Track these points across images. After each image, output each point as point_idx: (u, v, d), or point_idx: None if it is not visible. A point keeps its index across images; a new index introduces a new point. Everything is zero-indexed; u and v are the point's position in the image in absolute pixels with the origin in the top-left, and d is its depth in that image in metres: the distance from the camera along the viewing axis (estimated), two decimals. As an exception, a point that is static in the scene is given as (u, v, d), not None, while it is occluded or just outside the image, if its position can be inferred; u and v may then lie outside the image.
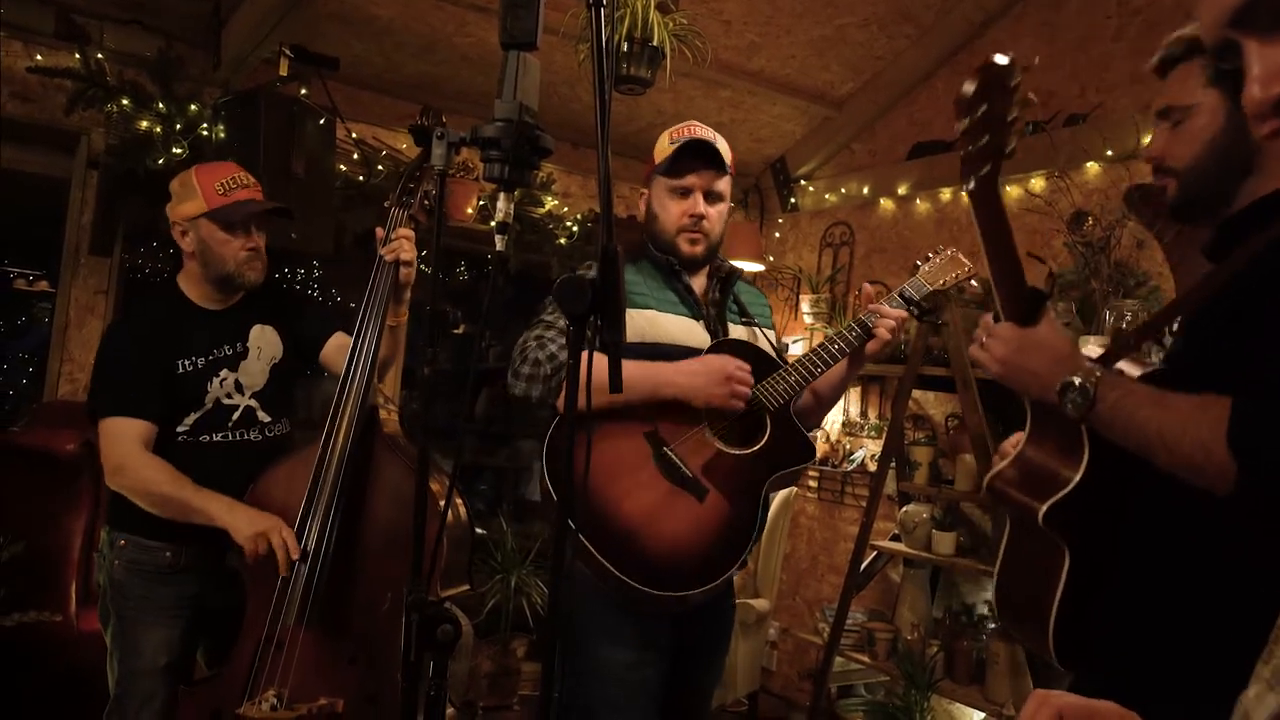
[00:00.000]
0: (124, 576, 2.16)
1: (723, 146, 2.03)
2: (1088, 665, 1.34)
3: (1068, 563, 1.27)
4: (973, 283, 2.11)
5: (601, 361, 1.07)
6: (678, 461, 1.85)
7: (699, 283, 2.09)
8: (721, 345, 1.98)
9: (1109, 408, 1.20)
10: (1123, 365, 1.33)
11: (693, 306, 2.03)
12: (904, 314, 2.02)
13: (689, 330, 1.99)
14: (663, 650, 1.90)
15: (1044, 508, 1.27)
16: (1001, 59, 1.21)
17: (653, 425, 1.87)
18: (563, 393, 1.76)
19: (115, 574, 2.17)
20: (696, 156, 1.99)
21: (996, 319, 1.35)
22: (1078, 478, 1.26)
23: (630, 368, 1.73)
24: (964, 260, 2.12)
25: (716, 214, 2.04)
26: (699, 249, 2.03)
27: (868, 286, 2.10)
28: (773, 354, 2.08)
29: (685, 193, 2.01)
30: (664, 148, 2.04)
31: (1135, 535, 1.29)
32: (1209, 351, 1.23)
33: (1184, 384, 1.21)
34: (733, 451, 1.89)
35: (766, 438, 1.92)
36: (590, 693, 1.84)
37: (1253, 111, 0.62)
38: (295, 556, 1.97)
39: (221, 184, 2.18)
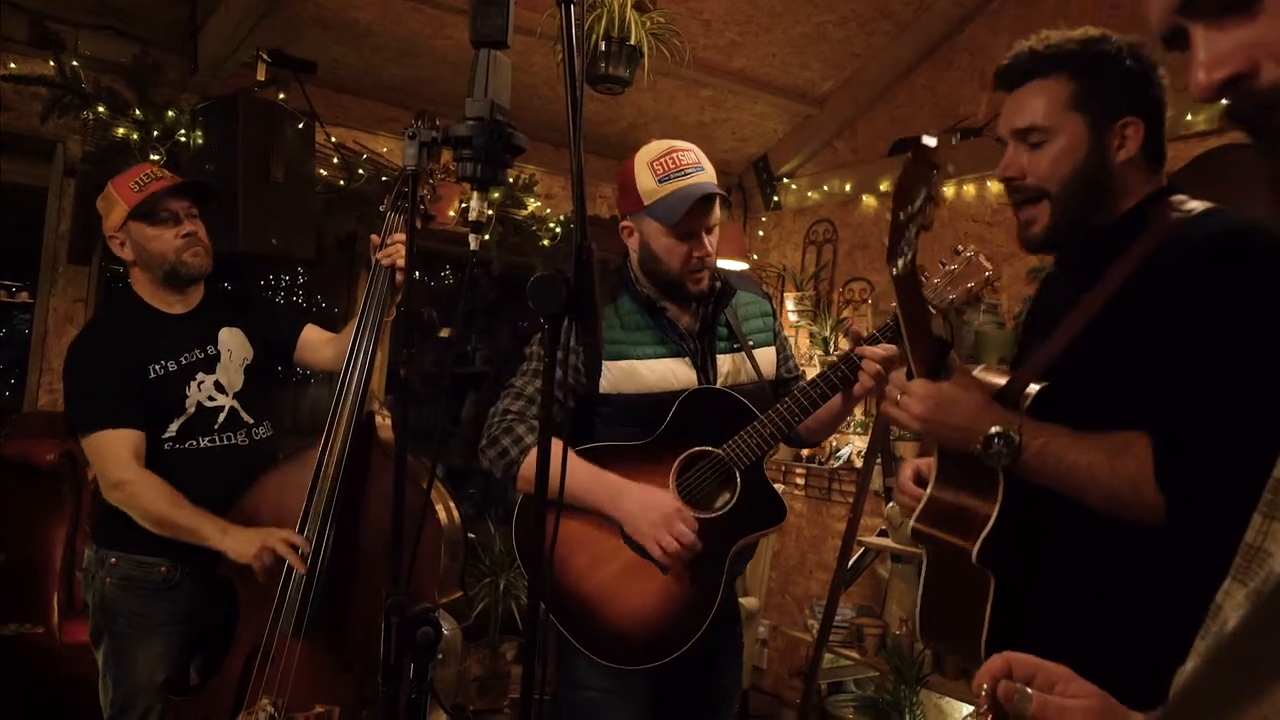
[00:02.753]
0: (116, 594, 2.12)
1: (709, 171, 1.94)
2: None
3: (993, 588, 1.29)
4: (992, 285, 1.80)
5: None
6: None
7: (686, 311, 2.02)
8: (690, 399, 1.90)
9: (1035, 454, 1.22)
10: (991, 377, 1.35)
11: (675, 343, 1.96)
12: (893, 351, 1.83)
13: (669, 372, 1.93)
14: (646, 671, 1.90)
15: (975, 547, 1.28)
16: (930, 140, 1.20)
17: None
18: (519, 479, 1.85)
19: (106, 593, 2.13)
20: (702, 201, 1.89)
21: (910, 376, 1.35)
22: (996, 511, 1.27)
23: (582, 474, 1.79)
24: (984, 263, 1.77)
25: (716, 240, 1.99)
26: (705, 284, 1.98)
27: (855, 328, 1.92)
28: (757, 376, 2.02)
29: (690, 235, 1.92)
30: (652, 188, 1.90)
31: (1060, 552, 1.30)
32: (1099, 371, 1.24)
33: (1079, 402, 1.23)
34: (698, 515, 1.85)
35: (735, 500, 1.88)
36: (575, 702, 1.90)
37: (1198, 97, 0.63)
38: (308, 549, 1.96)
39: (136, 182, 2.16)
